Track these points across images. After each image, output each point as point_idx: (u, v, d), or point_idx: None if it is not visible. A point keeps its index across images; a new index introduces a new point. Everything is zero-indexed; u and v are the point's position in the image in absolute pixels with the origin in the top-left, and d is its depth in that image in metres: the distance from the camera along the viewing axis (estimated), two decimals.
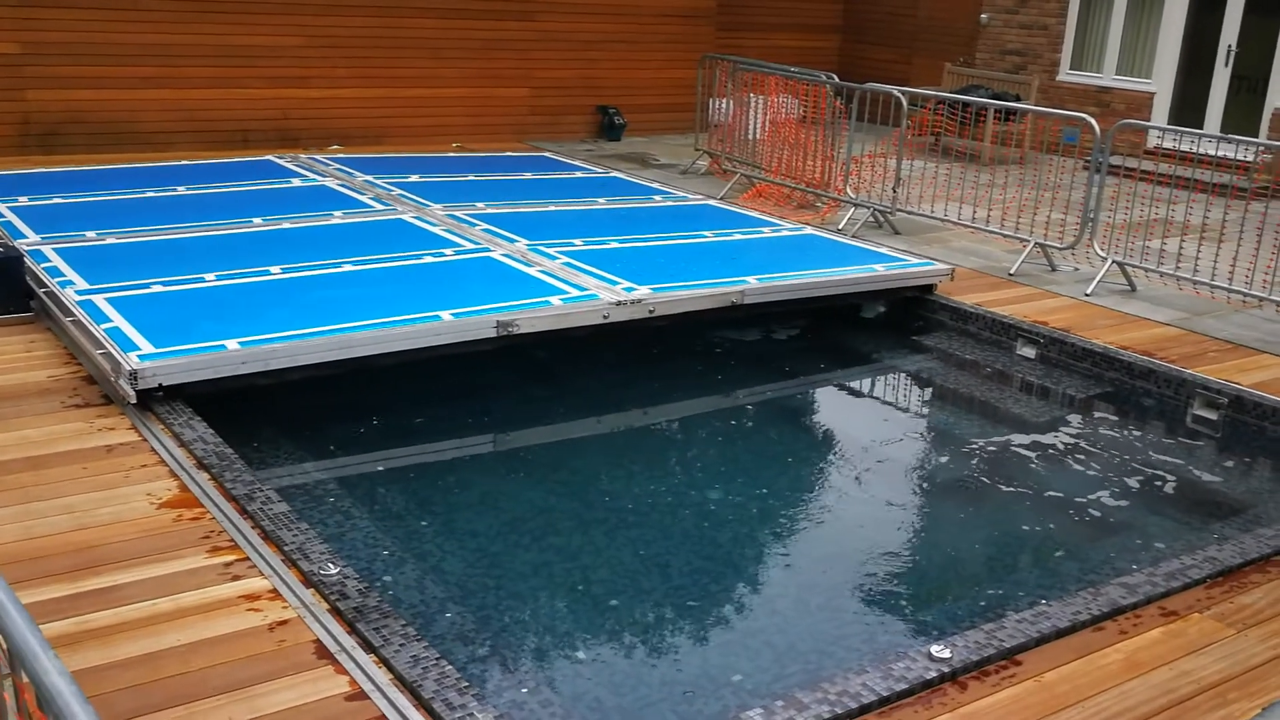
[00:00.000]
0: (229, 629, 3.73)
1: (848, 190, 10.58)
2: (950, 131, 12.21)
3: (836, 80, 11.05)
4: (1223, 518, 5.68)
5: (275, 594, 3.94)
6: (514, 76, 13.91)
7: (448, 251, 7.85)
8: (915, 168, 11.15)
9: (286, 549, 4.19)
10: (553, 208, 9.72)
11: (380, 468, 5.81)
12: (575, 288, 7.05)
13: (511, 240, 8.20)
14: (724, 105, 12.33)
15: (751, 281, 7.50)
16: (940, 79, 15.12)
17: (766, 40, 15.99)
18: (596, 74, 14.50)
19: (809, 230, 9.48)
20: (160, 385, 5.47)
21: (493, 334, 6.38)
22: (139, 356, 5.55)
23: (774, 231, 9.29)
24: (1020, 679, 3.72)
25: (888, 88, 10.32)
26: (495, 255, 7.81)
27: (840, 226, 10.05)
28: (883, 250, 8.80)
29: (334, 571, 4.04)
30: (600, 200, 10.18)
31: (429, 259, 7.65)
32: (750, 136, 11.97)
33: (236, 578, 4.04)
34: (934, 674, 3.66)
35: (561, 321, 6.66)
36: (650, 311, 6.95)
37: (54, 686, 2.01)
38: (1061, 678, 3.74)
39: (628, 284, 7.18)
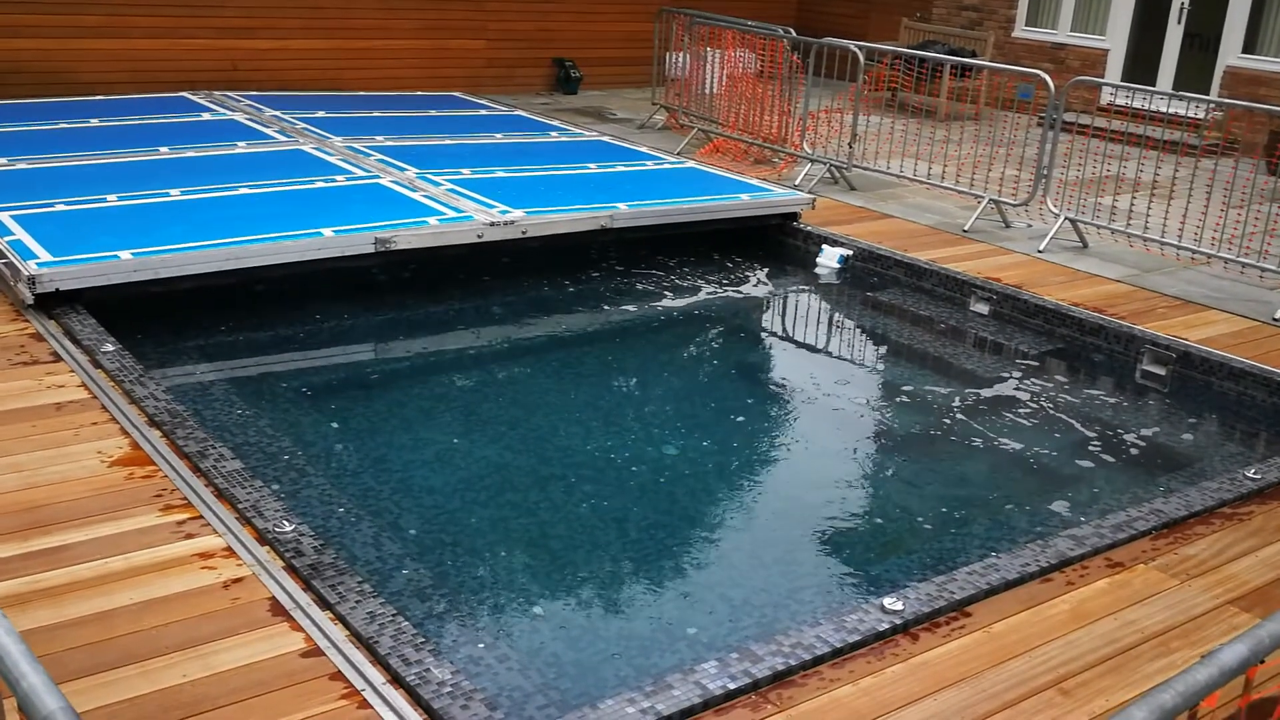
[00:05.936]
0: (183, 587, 3.71)
1: (804, 146, 10.57)
2: (907, 87, 12.22)
3: (793, 34, 11.00)
4: (1169, 471, 5.79)
5: (229, 552, 3.92)
6: (468, 28, 13.71)
7: (339, 178, 8.26)
8: (872, 123, 11.16)
9: (240, 506, 4.17)
10: (449, 141, 10.12)
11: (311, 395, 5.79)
12: (454, 210, 7.49)
13: (402, 169, 8.62)
14: (680, 59, 12.25)
15: (622, 207, 8.03)
16: (897, 34, 15.09)
17: None
18: (552, 26, 14.32)
19: (690, 164, 10.03)
20: (57, 289, 5.92)
21: (371, 249, 6.86)
22: (37, 264, 6.00)
23: (656, 165, 9.84)
24: (970, 630, 3.78)
25: (844, 42, 10.29)
26: (384, 182, 8.24)
27: (797, 182, 10.05)
28: (751, 181, 9.39)
29: (289, 529, 4.02)
30: (498, 135, 10.59)
31: (320, 184, 8.06)
32: (707, 91, 11.91)
33: (190, 536, 4.01)
34: (886, 625, 3.71)
35: (437, 239, 7.13)
36: (523, 232, 7.45)
37: None
38: (1010, 628, 3.81)
39: (504, 207, 7.62)
